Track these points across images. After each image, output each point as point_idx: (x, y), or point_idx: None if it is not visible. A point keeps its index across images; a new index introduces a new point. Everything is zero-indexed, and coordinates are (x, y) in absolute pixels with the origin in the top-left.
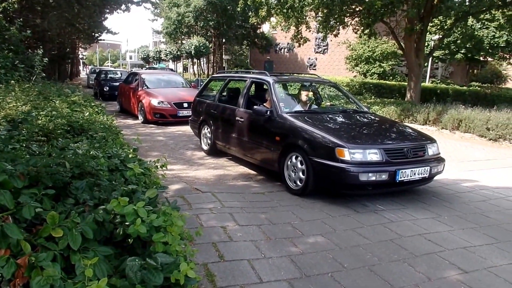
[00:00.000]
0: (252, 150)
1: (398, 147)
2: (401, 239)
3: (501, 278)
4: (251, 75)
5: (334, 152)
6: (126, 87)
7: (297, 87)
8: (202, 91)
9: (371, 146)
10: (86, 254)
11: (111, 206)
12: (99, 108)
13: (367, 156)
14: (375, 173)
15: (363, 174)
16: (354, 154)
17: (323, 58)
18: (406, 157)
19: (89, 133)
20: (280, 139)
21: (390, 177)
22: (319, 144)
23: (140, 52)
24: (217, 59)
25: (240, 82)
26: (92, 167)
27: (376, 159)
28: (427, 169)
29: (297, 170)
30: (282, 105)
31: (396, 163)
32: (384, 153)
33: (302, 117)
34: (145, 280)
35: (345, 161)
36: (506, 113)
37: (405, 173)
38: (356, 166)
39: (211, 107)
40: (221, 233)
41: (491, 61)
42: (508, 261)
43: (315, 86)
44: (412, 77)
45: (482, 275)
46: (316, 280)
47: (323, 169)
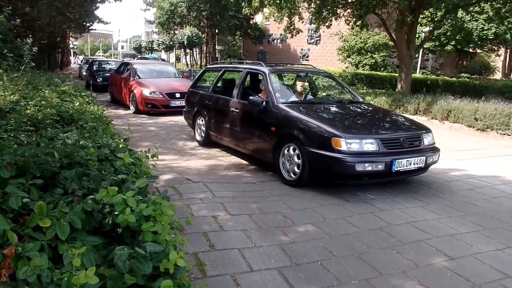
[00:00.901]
0: (247, 141)
1: (394, 137)
2: (390, 227)
3: (486, 264)
4: (247, 66)
5: (330, 142)
6: (117, 77)
7: (292, 77)
8: (196, 82)
9: (368, 136)
10: (74, 244)
11: (100, 196)
12: (90, 98)
13: (363, 146)
14: (372, 163)
15: (359, 164)
16: (350, 144)
17: (315, 49)
18: (402, 147)
19: (79, 123)
20: (276, 129)
21: (386, 167)
22: (315, 134)
23: (132, 42)
24: (210, 50)
25: (235, 73)
26: (81, 157)
27: (372, 149)
28: (423, 159)
29: (293, 160)
30: (278, 95)
31: (392, 153)
32: (380, 143)
33: (298, 107)
34: (133, 269)
35: (341, 151)
36: (493, 104)
37: (401, 163)
38: (352, 156)
39: (206, 98)
40: (212, 222)
41: (480, 53)
42: (493, 247)
43: (310, 77)
44: (403, 68)
45: (467, 261)
46: (306, 268)
47: (319, 159)
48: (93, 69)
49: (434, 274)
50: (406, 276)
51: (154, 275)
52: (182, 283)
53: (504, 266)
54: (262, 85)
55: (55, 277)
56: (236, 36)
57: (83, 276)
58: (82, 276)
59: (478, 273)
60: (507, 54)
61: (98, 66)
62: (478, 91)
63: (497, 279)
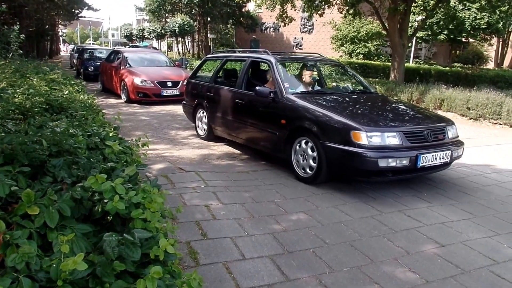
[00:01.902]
0: (254, 135)
1: (417, 130)
2: (382, 215)
3: (476, 250)
4: (251, 55)
5: (350, 135)
6: (108, 65)
7: (298, 66)
8: (196, 72)
9: (390, 128)
10: (64, 231)
11: (89, 183)
12: (80, 87)
13: (385, 140)
14: (395, 159)
15: (382, 159)
16: (371, 138)
17: (309, 38)
18: (426, 141)
19: (69, 111)
20: (286, 122)
21: (411, 162)
22: (332, 127)
23: (123, 30)
24: (202, 38)
25: (238, 62)
26: (70, 145)
27: (395, 143)
28: (448, 153)
29: (307, 156)
30: (287, 85)
31: (416, 147)
32: (403, 136)
33: (310, 98)
34: (123, 255)
35: (361, 146)
36: (485, 93)
37: (426, 158)
38: (374, 151)
39: (207, 89)
40: (204, 211)
41: (472, 43)
42: (482, 234)
43: (317, 66)
44: (396, 58)
45: (457, 248)
46: (298, 255)
47: (337, 154)
48: (84, 57)
49: (425, 261)
50: (397, 263)
51: (145, 262)
52: (173, 270)
53: (493, 253)
54: (268, 75)
55: (44, 264)
56: (229, 24)
57: (71, 262)
58: (71, 262)
59: (467, 259)
60: (499, 44)
61: (89, 55)
62: (470, 81)
63: (486, 265)
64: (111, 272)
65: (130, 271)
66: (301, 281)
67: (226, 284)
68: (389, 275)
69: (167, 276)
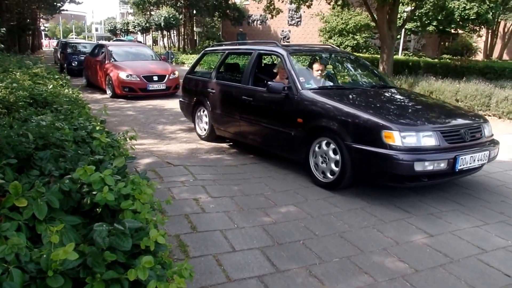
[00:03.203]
0: (265, 136)
1: (454, 128)
2: (371, 207)
3: (464, 240)
4: (257, 47)
5: (380, 135)
6: (92, 60)
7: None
8: (194, 67)
9: (425, 127)
10: (53, 223)
11: (77, 175)
12: (64, 81)
13: (420, 140)
14: (433, 162)
15: (418, 162)
16: (405, 138)
17: (296, 30)
18: (464, 140)
19: (54, 106)
20: (304, 121)
21: (449, 165)
22: (359, 126)
23: (106, 24)
24: (188, 32)
25: (242, 56)
26: (57, 138)
27: (431, 143)
28: (486, 153)
29: (329, 158)
30: (302, 80)
31: (454, 148)
32: (440, 135)
33: (330, 94)
34: (113, 245)
35: (394, 147)
36: (474, 85)
37: (465, 160)
38: (408, 153)
39: (208, 85)
40: (193, 205)
41: (461, 34)
42: (471, 224)
43: (331, 59)
44: (384, 49)
45: (446, 238)
46: (288, 247)
47: (365, 157)
48: (67, 52)
49: (414, 250)
50: (387, 253)
51: (135, 253)
52: (164, 261)
53: (482, 242)
54: (277, 68)
55: (34, 256)
56: (215, 17)
57: (62, 252)
58: (61, 252)
59: (456, 249)
60: (488, 35)
61: (73, 49)
62: (459, 72)
63: (475, 254)
64: (102, 262)
65: (121, 262)
66: (291, 272)
67: (216, 276)
68: (379, 265)
69: (158, 266)
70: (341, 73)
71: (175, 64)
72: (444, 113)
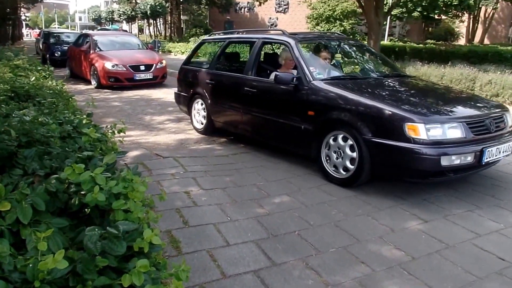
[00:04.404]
0: (271, 129)
1: (480, 119)
2: (366, 194)
3: (458, 225)
4: (261, 35)
5: (403, 129)
6: (76, 50)
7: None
8: (191, 57)
9: (451, 118)
10: (38, 227)
11: (65, 175)
12: (47, 73)
13: (446, 133)
14: (460, 155)
15: (444, 157)
16: (430, 131)
17: (284, 17)
18: (489, 131)
19: (36, 99)
20: (316, 114)
21: (476, 158)
22: (379, 119)
23: (90, 12)
24: (174, 20)
25: (243, 45)
26: (42, 134)
27: (458, 135)
28: (511, 145)
29: (344, 153)
30: (313, 70)
31: (480, 140)
32: (466, 127)
33: (344, 85)
34: (106, 250)
35: (418, 141)
36: (459, 69)
37: (491, 152)
38: (434, 146)
39: (206, 76)
40: (184, 198)
41: (444, 19)
42: (464, 209)
43: (339, 47)
44: (371, 36)
45: (441, 223)
46: (283, 239)
47: (386, 152)
48: (50, 42)
49: (410, 237)
50: (383, 241)
51: (127, 255)
52: (158, 262)
53: (475, 226)
54: (282, 58)
55: (18, 264)
56: (202, 5)
57: (51, 260)
58: (50, 260)
59: (451, 234)
60: (470, 20)
61: (55, 39)
62: (444, 57)
63: (469, 238)
64: (93, 269)
65: (112, 266)
66: (287, 265)
67: (211, 273)
68: (375, 253)
69: (152, 268)
70: (351, 62)
71: (162, 53)
72: (466, 103)
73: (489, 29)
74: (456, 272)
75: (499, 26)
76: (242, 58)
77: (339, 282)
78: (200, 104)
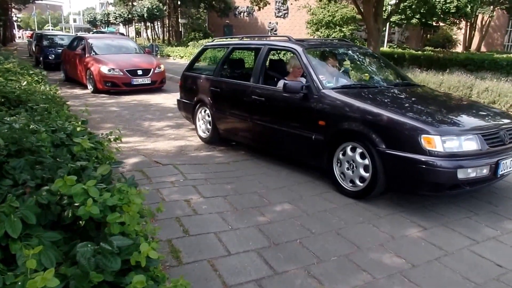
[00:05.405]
0: (280, 139)
1: (494, 131)
2: (366, 201)
3: (456, 231)
4: (267, 42)
5: (419, 141)
6: (71, 53)
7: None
8: (193, 63)
9: (466, 130)
10: (29, 241)
11: (56, 187)
12: (40, 77)
13: (462, 145)
14: (476, 168)
15: (461, 170)
16: (446, 143)
17: (284, 22)
18: (504, 143)
19: (28, 105)
20: (326, 124)
21: (491, 171)
22: (394, 130)
23: (85, 14)
24: (172, 23)
25: (248, 52)
26: (32, 143)
27: (474, 148)
28: None
29: (357, 165)
30: (323, 78)
31: (495, 152)
32: (482, 139)
33: (357, 94)
34: (100, 266)
35: (434, 153)
36: (457, 76)
37: (506, 164)
38: (450, 159)
39: (211, 84)
40: (185, 207)
41: (442, 26)
42: (462, 216)
43: (342, 54)
44: (371, 42)
45: (440, 230)
46: (285, 247)
47: (401, 165)
48: (43, 44)
49: (410, 245)
50: (383, 249)
51: (124, 269)
52: (156, 275)
53: (473, 233)
54: (290, 66)
55: (7, 281)
56: (200, 8)
57: (40, 279)
58: (39, 279)
59: (450, 241)
60: (467, 27)
61: (49, 42)
62: (442, 64)
63: (467, 245)
64: (88, 285)
65: (109, 281)
66: (289, 273)
67: (212, 283)
68: (376, 261)
69: (150, 282)
70: (360, 70)
71: (160, 57)
72: (480, 113)
73: (485, 36)
74: (455, 279)
75: (495, 33)
76: (247, 65)
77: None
78: (204, 111)
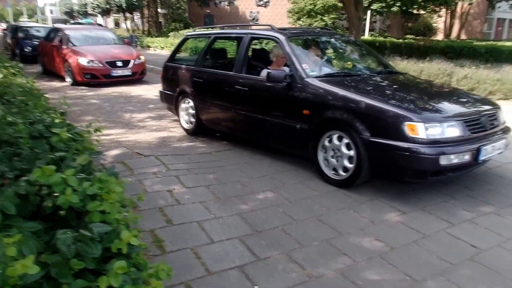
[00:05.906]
0: (264, 130)
1: (476, 117)
2: (348, 188)
3: (434, 215)
4: (250, 31)
5: (402, 128)
6: (48, 45)
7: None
8: (175, 54)
9: (449, 117)
10: (9, 232)
11: (34, 177)
12: (16, 69)
13: (445, 131)
14: (458, 154)
15: (443, 156)
16: (428, 130)
17: (265, 11)
18: (485, 129)
19: (5, 97)
20: (311, 113)
21: (473, 157)
22: (378, 118)
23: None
24: (152, 14)
25: (230, 41)
26: (10, 135)
27: (456, 134)
28: (504, 142)
29: (341, 154)
30: (306, 67)
31: (476, 138)
32: (464, 125)
33: (340, 83)
34: (81, 253)
35: (417, 140)
36: (437, 64)
37: (487, 150)
38: (433, 146)
39: (193, 74)
40: (167, 197)
41: (423, 14)
42: (440, 200)
43: (325, 42)
44: (352, 30)
45: (418, 214)
46: (267, 234)
47: (384, 152)
48: (19, 36)
49: (389, 228)
50: (363, 233)
51: (106, 257)
52: (138, 262)
53: (449, 216)
54: (274, 55)
55: None
56: None
57: (20, 266)
58: (19, 266)
59: (427, 224)
60: (447, 15)
61: (25, 34)
62: (423, 52)
63: (444, 228)
64: (69, 272)
65: (90, 268)
66: (272, 259)
67: (195, 270)
68: (357, 245)
69: (133, 269)
70: (343, 58)
71: (141, 48)
72: (462, 100)
73: (465, 24)
74: (432, 260)
75: (475, 21)
76: (230, 55)
77: (322, 273)
78: (187, 103)
